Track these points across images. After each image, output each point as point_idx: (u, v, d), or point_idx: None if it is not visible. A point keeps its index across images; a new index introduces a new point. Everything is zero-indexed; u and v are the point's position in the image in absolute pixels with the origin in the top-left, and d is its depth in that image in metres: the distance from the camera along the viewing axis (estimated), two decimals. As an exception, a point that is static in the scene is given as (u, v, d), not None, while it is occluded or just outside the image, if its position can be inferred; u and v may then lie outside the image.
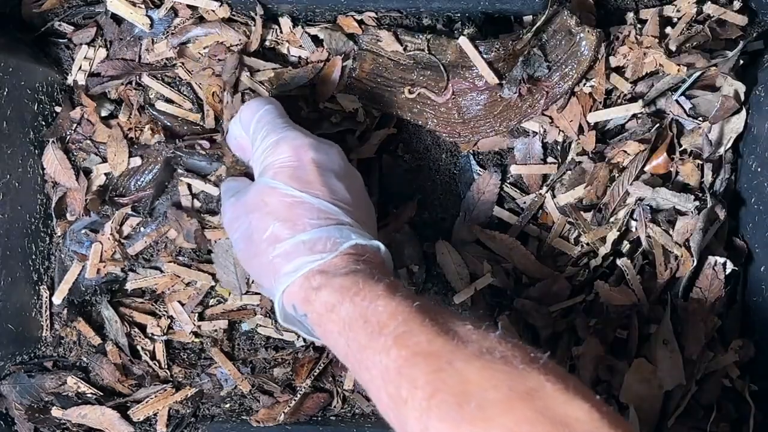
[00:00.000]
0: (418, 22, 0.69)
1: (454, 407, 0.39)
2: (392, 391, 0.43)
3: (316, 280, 0.50)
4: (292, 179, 0.55)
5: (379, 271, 0.51)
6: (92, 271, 0.68)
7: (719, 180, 0.67)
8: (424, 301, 0.47)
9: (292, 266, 0.52)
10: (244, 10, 0.68)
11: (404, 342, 0.43)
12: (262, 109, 0.59)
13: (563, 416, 0.37)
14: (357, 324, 0.46)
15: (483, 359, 0.41)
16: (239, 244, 0.58)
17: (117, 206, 0.68)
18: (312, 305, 0.50)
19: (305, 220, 0.53)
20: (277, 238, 0.53)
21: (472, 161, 0.69)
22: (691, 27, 0.66)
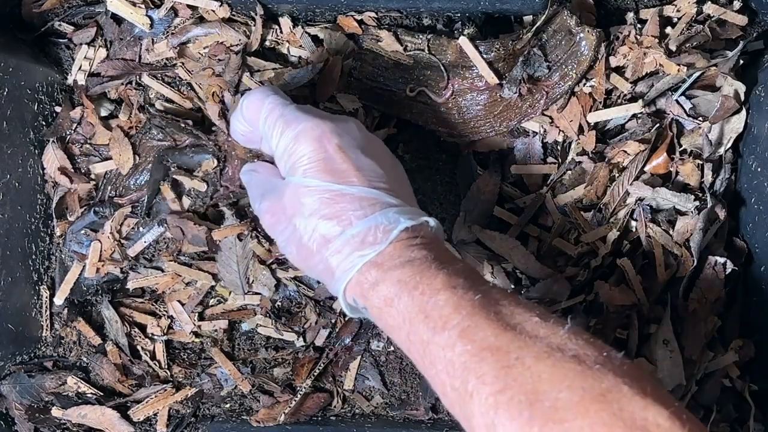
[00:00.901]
0: (418, 22, 0.69)
1: (525, 406, 0.38)
2: (458, 385, 0.42)
3: (372, 275, 0.49)
4: (324, 173, 0.53)
5: (435, 255, 0.49)
6: (91, 270, 0.68)
7: (719, 180, 0.67)
8: (485, 290, 0.45)
9: (347, 263, 0.51)
10: (244, 10, 0.68)
11: (470, 336, 0.42)
12: (266, 102, 0.57)
13: (642, 421, 0.35)
14: (417, 319, 0.45)
15: (554, 357, 0.39)
16: (288, 249, 0.56)
17: (116, 206, 0.68)
18: (370, 300, 0.49)
19: (349, 213, 0.51)
20: (326, 239, 0.52)
21: (472, 161, 0.69)
22: (691, 27, 0.66)
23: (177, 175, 0.67)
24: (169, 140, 0.68)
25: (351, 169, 0.53)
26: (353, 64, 0.68)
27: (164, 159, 0.67)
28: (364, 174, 0.53)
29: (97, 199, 0.69)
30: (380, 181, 0.53)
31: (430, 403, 0.68)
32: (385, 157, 0.57)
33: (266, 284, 0.68)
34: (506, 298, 0.45)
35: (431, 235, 0.52)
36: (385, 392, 0.69)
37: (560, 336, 0.41)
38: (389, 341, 0.69)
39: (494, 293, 0.46)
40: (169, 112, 0.68)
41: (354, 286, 0.51)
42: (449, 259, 0.50)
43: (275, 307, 0.69)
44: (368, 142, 0.57)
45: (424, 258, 0.48)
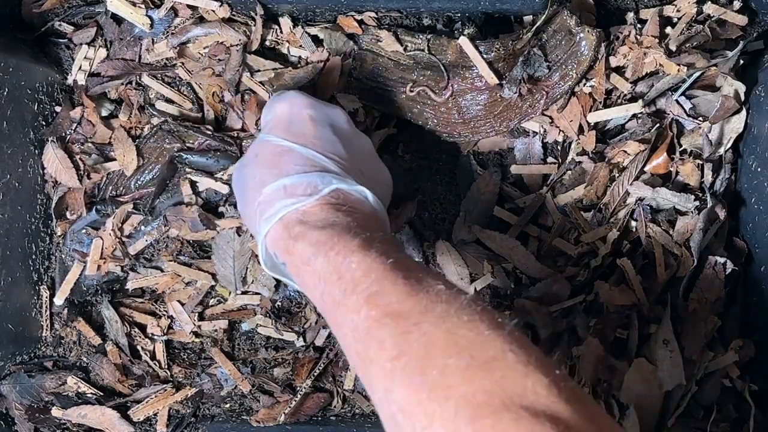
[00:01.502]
0: (418, 22, 0.69)
1: (418, 372, 0.38)
2: (360, 350, 0.42)
3: (295, 230, 0.50)
4: (285, 132, 0.56)
5: (360, 223, 0.50)
6: (92, 268, 0.68)
7: (719, 180, 0.67)
8: (400, 257, 0.46)
9: (272, 210, 0.52)
10: (244, 10, 0.68)
11: (375, 302, 0.42)
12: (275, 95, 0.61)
13: (521, 389, 0.36)
14: (331, 279, 0.46)
15: (449, 322, 0.40)
16: (237, 198, 0.58)
17: (118, 204, 0.68)
18: (291, 256, 0.50)
19: (290, 166, 0.53)
20: (262, 184, 0.54)
21: (472, 161, 0.69)
22: (691, 27, 0.66)
23: (194, 175, 0.68)
24: (179, 142, 0.68)
25: (311, 135, 0.55)
26: (353, 64, 0.68)
27: (176, 159, 0.68)
28: (321, 143, 0.55)
29: (98, 198, 0.69)
30: (337, 156, 0.55)
31: (430, 403, 0.68)
32: (361, 152, 0.58)
33: (266, 284, 0.68)
34: (418, 267, 0.45)
35: (366, 207, 0.53)
36: (385, 392, 0.69)
37: (460, 302, 0.41)
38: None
39: (407, 261, 0.46)
40: (185, 119, 0.69)
41: (278, 240, 0.51)
42: (372, 228, 0.50)
43: (275, 307, 0.69)
44: (348, 132, 0.58)
45: (347, 223, 0.49)
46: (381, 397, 0.40)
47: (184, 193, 0.68)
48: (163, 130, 0.67)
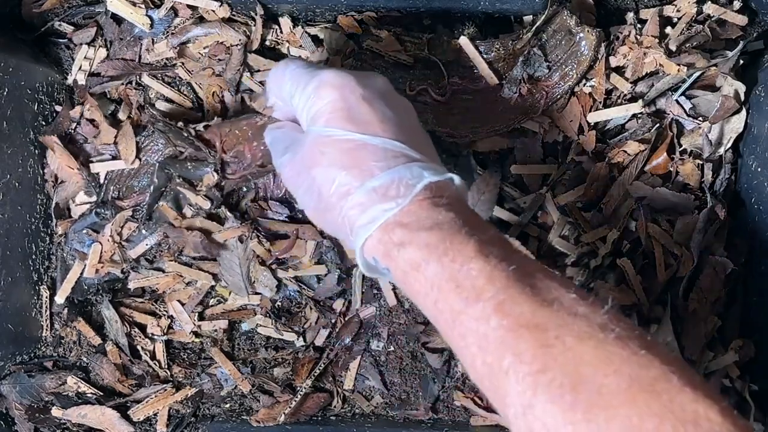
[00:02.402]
0: (418, 22, 0.69)
1: (568, 389, 0.36)
2: (491, 360, 0.40)
3: (397, 235, 0.46)
4: (347, 122, 0.50)
5: (464, 219, 0.46)
6: (91, 272, 0.67)
7: (719, 180, 0.67)
8: (519, 261, 0.43)
9: (367, 217, 0.48)
10: (244, 10, 0.68)
11: (505, 311, 0.40)
12: (289, 68, 0.55)
13: (692, 414, 0.34)
14: (447, 287, 0.43)
15: (596, 338, 0.38)
16: (306, 202, 0.53)
17: (117, 209, 0.68)
18: (394, 261, 0.47)
19: (371, 164, 0.48)
20: (346, 190, 0.49)
21: (472, 161, 0.69)
22: (691, 27, 0.66)
23: (181, 187, 0.66)
24: (171, 147, 0.67)
25: (375, 120, 0.50)
26: (353, 64, 0.68)
27: (166, 167, 0.67)
28: (388, 126, 0.50)
29: (99, 200, 0.68)
30: (404, 135, 0.51)
31: (430, 403, 0.68)
32: (411, 117, 0.55)
33: (267, 284, 0.68)
34: (541, 272, 0.43)
35: (456, 195, 0.49)
36: (385, 392, 0.69)
37: (601, 316, 0.39)
38: (389, 341, 0.69)
39: (528, 265, 0.43)
40: (171, 116, 0.68)
41: (376, 245, 0.48)
42: (479, 225, 0.47)
43: (275, 307, 0.69)
44: (394, 98, 0.54)
45: (453, 221, 0.46)
46: (518, 412, 0.38)
47: (169, 216, 0.67)
48: (158, 129, 0.67)
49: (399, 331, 0.69)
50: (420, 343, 0.68)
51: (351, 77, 0.52)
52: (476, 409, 0.67)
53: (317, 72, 0.53)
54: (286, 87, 0.55)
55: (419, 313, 0.69)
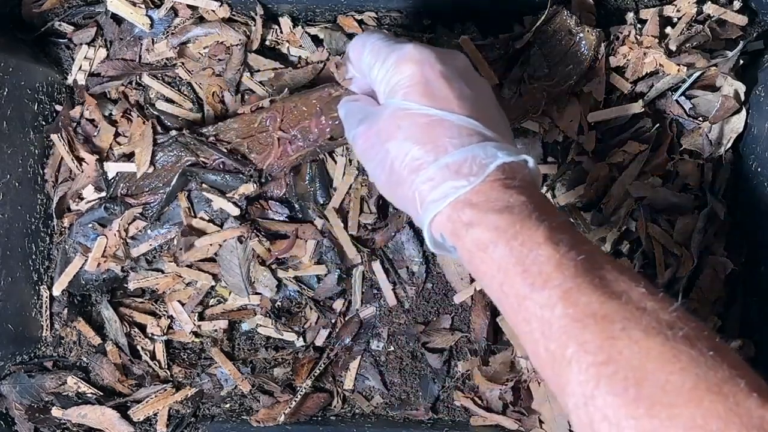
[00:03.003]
0: (418, 22, 0.69)
1: (632, 383, 0.36)
2: (554, 348, 0.40)
3: (466, 215, 0.46)
4: (424, 97, 0.50)
5: (535, 204, 0.46)
6: (92, 264, 0.67)
7: (719, 180, 0.67)
8: (589, 251, 0.43)
9: (438, 193, 0.47)
10: (244, 10, 0.68)
11: (572, 300, 0.40)
12: (369, 41, 0.55)
13: (759, 420, 0.34)
14: (514, 271, 0.43)
15: (663, 334, 0.37)
16: (378, 175, 0.53)
17: (127, 206, 0.68)
18: (462, 241, 0.46)
19: (446, 141, 0.48)
20: (418, 165, 0.49)
21: (472, 161, 0.69)
22: (691, 27, 0.66)
23: (208, 192, 0.66)
24: (193, 156, 0.67)
25: (453, 96, 0.50)
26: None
27: (188, 173, 0.67)
28: (465, 104, 0.50)
29: (108, 195, 0.68)
30: (481, 114, 0.50)
31: (430, 402, 0.68)
32: (489, 97, 0.54)
33: (267, 285, 0.68)
34: (609, 263, 0.43)
35: (529, 179, 0.49)
36: (385, 392, 0.69)
37: (669, 313, 0.39)
38: (389, 341, 0.69)
39: (598, 256, 0.43)
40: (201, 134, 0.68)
41: (445, 222, 0.48)
42: (550, 211, 0.46)
43: (275, 307, 0.69)
44: (473, 77, 0.54)
45: (524, 205, 0.45)
46: (578, 402, 0.38)
47: (182, 206, 0.67)
48: (179, 141, 0.66)
49: (399, 331, 0.69)
50: (420, 343, 0.68)
51: (432, 53, 0.52)
52: (476, 409, 0.67)
53: (398, 45, 0.53)
54: (366, 59, 0.55)
55: (419, 313, 0.69)
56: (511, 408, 0.66)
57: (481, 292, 0.67)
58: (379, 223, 0.69)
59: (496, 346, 0.67)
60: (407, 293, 0.69)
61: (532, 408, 0.66)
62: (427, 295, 0.69)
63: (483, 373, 0.66)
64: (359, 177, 0.68)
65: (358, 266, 0.68)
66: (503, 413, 0.66)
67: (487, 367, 0.66)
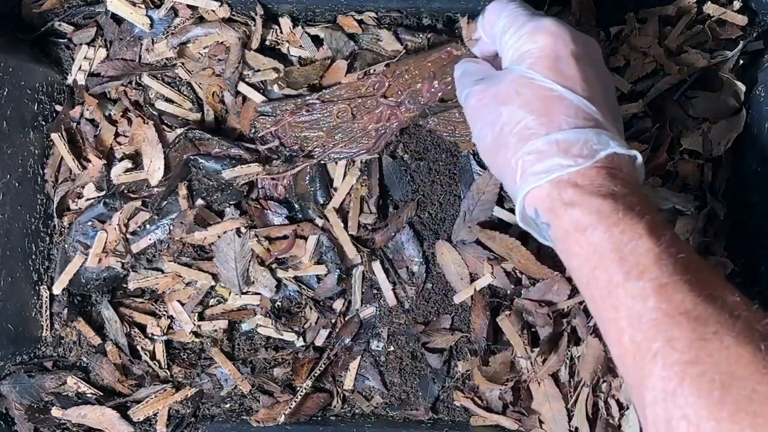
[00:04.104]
0: (418, 22, 0.69)
1: (718, 386, 0.36)
2: (639, 339, 0.40)
3: (568, 194, 0.46)
4: (551, 71, 0.50)
5: (639, 198, 0.46)
6: (93, 260, 0.67)
7: (719, 180, 0.67)
8: (687, 251, 0.43)
9: (543, 167, 0.47)
10: (244, 10, 0.68)
11: (666, 295, 0.40)
12: (509, 6, 0.55)
13: None
14: (610, 257, 0.43)
15: (755, 343, 0.37)
16: (483, 135, 0.52)
17: (127, 199, 0.68)
18: (559, 219, 0.46)
19: (562, 117, 0.48)
20: (530, 133, 0.48)
21: (472, 161, 0.69)
22: (691, 27, 0.66)
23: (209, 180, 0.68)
24: (195, 148, 0.68)
25: (578, 78, 0.50)
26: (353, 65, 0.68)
27: (191, 163, 0.67)
28: (589, 88, 0.50)
29: (109, 192, 0.68)
30: (601, 103, 0.50)
31: (430, 402, 0.68)
32: (610, 89, 0.54)
33: (267, 285, 0.68)
34: (707, 268, 0.43)
35: (634, 174, 0.49)
36: (385, 392, 0.69)
37: (763, 325, 0.38)
38: (389, 341, 0.69)
39: (696, 258, 0.43)
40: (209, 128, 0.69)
41: (543, 198, 0.47)
42: (652, 207, 0.46)
43: (275, 307, 0.69)
44: (602, 68, 0.54)
45: (628, 195, 0.45)
46: (657, 396, 0.39)
47: (181, 195, 0.68)
48: (187, 138, 0.67)
49: (399, 331, 0.69)
50: (420, 343, 0.68)
51: (568, 31, 0.51)
52: (476, 409, 0.67)
53: (537, 16, 0.53)
54: (501, 22, 0.54)
55: (419, 313, 0.69)
56: (511, 408, 0.66)
57: (481, 292, 0.67)
58: (379, 223, 0.69)
59: (496, 346, 0.67)
60: (407, 293, 0.69)
61: (532, 408, 0.66)
62: (427, 295, 0.69)
63: (483, 373, 0.66)
64: (360, 177, 0.68)
65: (358, 266, 0.68)
66: (503, 413, 0.66)
67: (487, 367, 0.66)
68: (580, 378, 0.64)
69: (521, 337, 0.65)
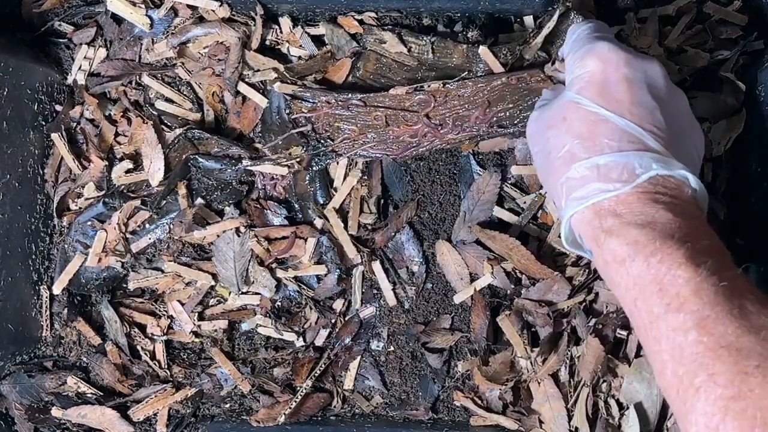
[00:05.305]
0: (418, 22, 0.69)
1: (760, 423, 0.36)
2: (682, 373, 0.40)
3: (608, 222, 0.46)
4: (598, 96, 0.50)
5: (681, 222, 0.44)
6: (93, 260, 0.67)
7: (719, 180, 0.67)
8: (731, 278, 0.42)
9: (583, 192, 0.47)
10: (244, 10, 0.68)
11: (708, 328, 0.39)
12: (578, 30, 0.55)
13: None
14: (650, 289, 0.42)
15: None
16: (537, 160, 0.54)
17: (126, 198, 0.68)
18: (599, 248, 0.46)
19: (604, 141, 0.48)
20: (572, 158, 0.49)
21: (472, 161, 0.69)
22: (691, 27, 0.66)
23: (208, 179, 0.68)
24: (194, 148, 0.68)
25: (627, 101, 0.49)
26: (357, 65, 0.68)
27: (190, 162, 0.67)
28: (638, 111, 0.49)
29: (108, 192, 0.69)
30: (656, 127, 0.49)
31: (430, 402, 0.68)
32: (680, 114, 0.52)
33: (266, 285, 0.68)
34: (752, 293, 0.41)
35: (685, 196, 0.47)
36: (385, 392, 0.69)
37: None
38: (389, 341, 0.69)
39: (740, 283, 0.42)
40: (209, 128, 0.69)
41: (585, 225, 0.47)
42: (699, 232, 0.45)
43: (275, 307, 0.69)
44: (666, 90, 0.52)
45: (670, 222, 0.44)
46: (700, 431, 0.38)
47: (180, 194, 0.68)
48: (187, 137, 0.67)
49: (399, 331, 0.69)
50: (420, 343, 0.68)
51: (622, 55, 0.51)
52: (476, 409, 0.67)
53: (593, 41, 0.53)
54: (566, 46, 0.56)
55: (419, 313, 0.69)
56: (511, 408, 0.66)
57: (481, 292, 0.67)
58: (379, 223, 0.69)
59: (496, 346, 0.67)
60: (407, 293, 0.69)
61: (532, 408, 0.66)
62: (427, 295, 0.69)
63: (483, 373, 0.66)
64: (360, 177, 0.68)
65: (358, 266, 0.68)
66: (503, 413, 0.66)
67: (487, 367, 0.66)
68: (580, 378, 0.64)
69: (521, 337, 0.65)
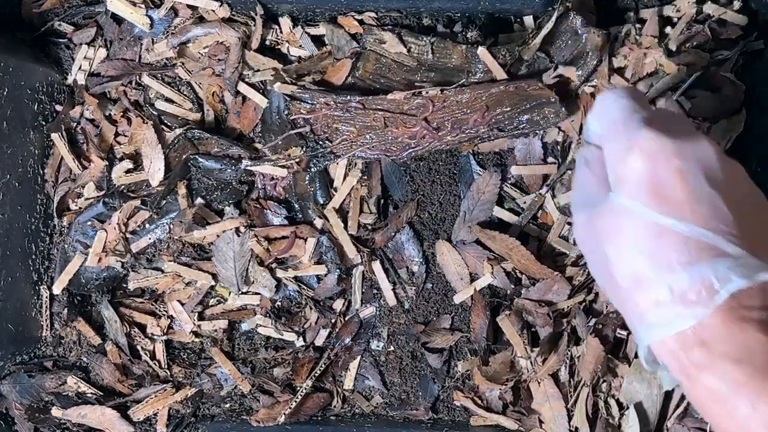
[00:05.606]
0: (418, 23, 0.69)
1: None
2: None
3: (695, 355, 0.41)
4: (653, 198, 0.43)
5: None
6: (93, 260, 0.67)
7: (719, 180, 0.67)
8: None
9: (659, 317, 0.42)
10: (244, 10, 0.68)
11: None
12: (614, 106, 0.47)
13: None
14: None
15: None
16: (596, 271, 0.48)
17: (126, 198, 0.68)
18: (692, 383, 0.42)
19: (672, 256, 0.42)
20: (638, 279, 0.43)
21: (472, 161, 0.69)
22: (691, 27, 0.66)
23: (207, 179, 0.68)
24: (194, 148, 0.68)
25: (687, 201, 0.43)
26: (357, 65, 0.68)
27: (190, 162, 0.68)
28: (701, 209, 0.43)
29: (108, 191, 0.69)
30: (722, 221, 0.43)
31: (430, 402, 0.68)
32: (740, 192, 0.46)
33: (266, 285, 0.68)
34: None
35: None
36: (385, 392, 0.69)
37: None
38: (389, 341, 0.69)
39: None
40: (209, 128, 0.69)
41: (668, 355, 0.42)
42: None
43: (275, 307, 0.69)
44: (723, 172, 0.45)
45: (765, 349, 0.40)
46: None
47: (180, 194, 0.68)
48: (187, 137, 0.67)
49: (399, 331, 0.69)
50: (420, 343, 0.68)
51: (670, 144, 0.44)
52: (476, 409, 0.67)
53: (632, 130, 0.45)
54: (600, 128, 0.48)
55: (419, 313, 0.69)
56: (511, 408, 0.66)
57: (481, 292, 0.67)
58: (379, 223, 0.69)
59: (496, 346, 0.67)
60: (407, 293, 0.69)
61: (532, 408, 0.66)
62: (427, 295, 0.69)
63: (483, 373, 0.66)
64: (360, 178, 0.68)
65: (357, 266, 0.68)
66: (503, 413, 0.66)
67: (487, 367, 0.66)
68: (580, 378, 0.64)
69: (521, 337, 0.65)
